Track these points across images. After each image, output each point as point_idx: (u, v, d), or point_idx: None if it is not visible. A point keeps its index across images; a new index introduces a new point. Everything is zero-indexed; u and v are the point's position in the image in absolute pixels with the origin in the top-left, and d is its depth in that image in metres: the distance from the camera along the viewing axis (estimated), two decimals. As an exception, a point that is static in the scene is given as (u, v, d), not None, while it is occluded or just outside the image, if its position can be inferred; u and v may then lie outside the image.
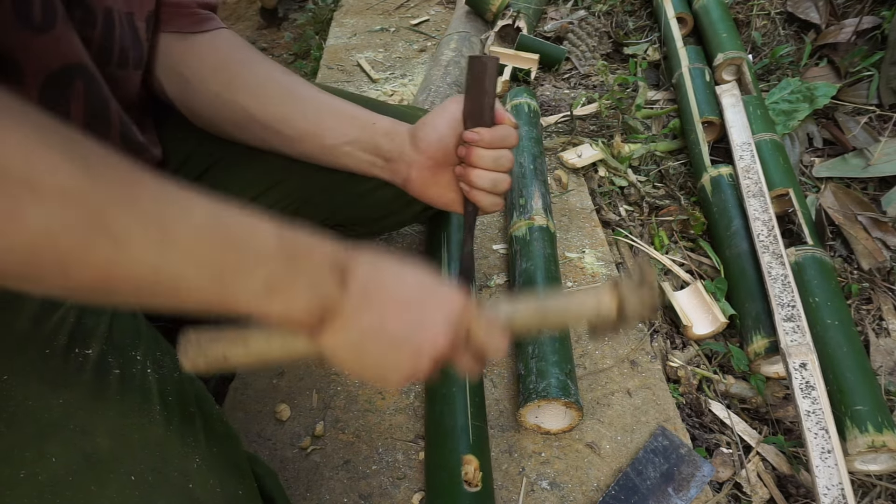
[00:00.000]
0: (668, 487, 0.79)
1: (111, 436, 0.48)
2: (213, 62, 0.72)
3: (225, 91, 0.71)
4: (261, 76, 0.72)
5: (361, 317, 0.44)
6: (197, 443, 0.52)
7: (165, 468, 0.48)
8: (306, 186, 0.82)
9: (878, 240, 1.11)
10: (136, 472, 0.47)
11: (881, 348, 0.98)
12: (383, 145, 0.72)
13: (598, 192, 1.26)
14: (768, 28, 1.64)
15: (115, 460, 0.47)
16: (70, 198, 0.33)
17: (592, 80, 1.60)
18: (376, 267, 0.46)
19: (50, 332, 0.53)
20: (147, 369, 0.55)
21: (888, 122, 1.30)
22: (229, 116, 0.72)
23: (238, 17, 2.41)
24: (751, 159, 1.15)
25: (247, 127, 0.73)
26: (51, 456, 0.46)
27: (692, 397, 0.93)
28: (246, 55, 0.73)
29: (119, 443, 0.48)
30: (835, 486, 0.75)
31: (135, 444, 0.49)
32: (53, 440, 0.47)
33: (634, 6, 1.82)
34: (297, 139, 0.73)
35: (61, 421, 0.48)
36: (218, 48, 0.72)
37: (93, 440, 0.48)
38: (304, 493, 0.78)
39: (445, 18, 1.87)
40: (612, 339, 0.97)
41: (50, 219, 0.32)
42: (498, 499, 0.78)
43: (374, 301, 0.45)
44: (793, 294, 0.92)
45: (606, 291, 0.52)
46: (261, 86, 0.71)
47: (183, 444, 0.51)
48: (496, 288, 1.05)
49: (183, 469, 0.49)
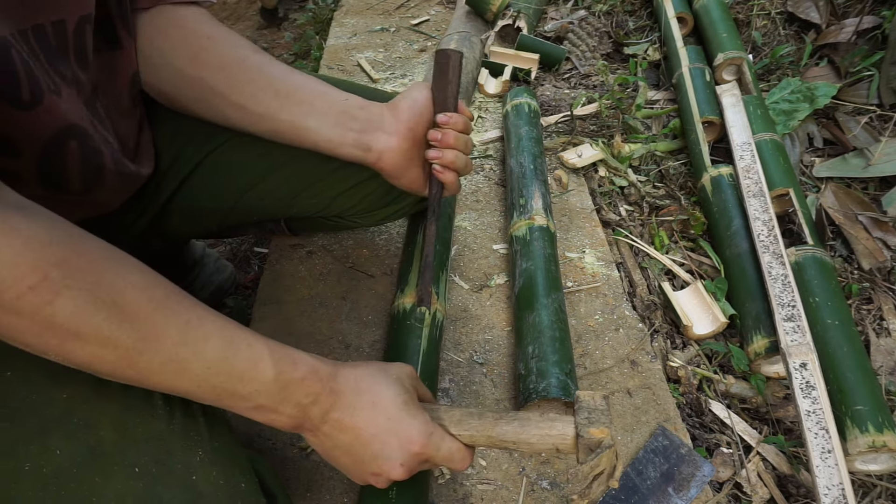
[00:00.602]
0: (668, 487, 0.79)
1: (115, 429, 0.49)
2: (178, 37, 0.69)
3: (189, 67, 0.68)
4: (228, 52, 0.69)
5: (336, 437, 0.55)
6: (199, 437, 0.52)
7: (169, 460, 0.49)
8: (301, 176, 0.81)
9: (879, 240, 1.11)
10: (140, 463, 0.48)
11: (881, 348, 0.98)
12: (358, 116, 0.70)
13: (599, 192, 1.26)
14: (768, 28, 1.64)
15: (118, 452, 0.48)
16: (106, 343, 0.44)
17: (592, 80, 1.60)
18: (353, 403, 0.55)
19: None
20: None
21: (888, 122, 1.30)
22: (193, 94, 0.70)
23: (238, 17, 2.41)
24: (751, 159, 1.15)
25: (211, 103, 0.70)
26: (55, 449, 0.46)
27: (692, 397, 0.93)
28: (213, 30, 0.70)
29: (122, 435, 0.49)
30: (835, 486, 0.75)
31: (138, 436, 0.49)
32: (57, 434, 0.47)
33: (634, 6, 1.82)
34: (263, 116, 0.70)
35: (65, 415, 0.48)
36: (183, 24, 0.69)
37: (97, 433, 0.48)
38: (305, 493, 0.78)
39: (445, 18, 1.87)
40: (612, 339, 0.97)
41: (91, 356, 0.44)
42: (498, 498, 0.78)
43: (348, 430, 0.54)
44: (793, 294, 0.92)
45: (569, 434, 0.56)
46: (227, 62, 0.69)
47: (185, 437, 0.51)
48: (496, 288, 1.05)
49: (186, 462, 0.49)
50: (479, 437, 0.58)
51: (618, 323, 1.00)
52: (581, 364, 0.93)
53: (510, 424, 0.58)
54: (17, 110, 0.50)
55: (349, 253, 1.10)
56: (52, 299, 0.41)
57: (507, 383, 0.91)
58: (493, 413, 0.60)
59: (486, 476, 0.80)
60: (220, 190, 0.80)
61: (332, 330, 0.97)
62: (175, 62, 0.69)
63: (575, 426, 0.56)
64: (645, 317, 1.02)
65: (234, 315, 1.19)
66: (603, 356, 0.95)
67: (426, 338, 0.87)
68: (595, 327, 0.99)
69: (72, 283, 0.42)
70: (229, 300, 1.21)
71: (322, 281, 1.05)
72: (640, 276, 1.10)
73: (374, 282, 1.05)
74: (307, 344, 0.94)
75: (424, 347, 0.86)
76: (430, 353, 0.86)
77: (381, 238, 1.13)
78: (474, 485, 0.79)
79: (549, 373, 0.81)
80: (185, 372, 0.47)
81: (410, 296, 0.92)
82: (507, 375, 0.92)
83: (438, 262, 0.98)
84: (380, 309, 1.01)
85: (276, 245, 1.12)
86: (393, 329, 0.91)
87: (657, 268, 1.12)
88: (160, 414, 0.51)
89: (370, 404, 0.55)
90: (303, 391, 0.52)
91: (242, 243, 1.34)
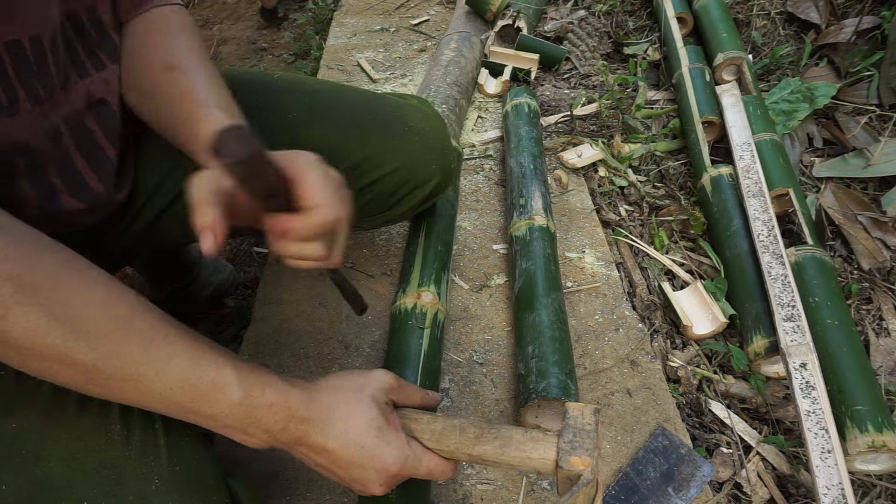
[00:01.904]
0: (668, 487, 0.79)
1: (64, 460, 0.48)
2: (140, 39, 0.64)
3: (129, 93, 0.65)
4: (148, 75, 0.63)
5: (314, 458, 0.55)
6: (157, 462, 0.51)
7: (120, 492, 0.48)
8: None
9: (878, 240, 1.11)
10: (89, 497, 0.47)
11: (881, 348, 0.98)
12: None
13: (598, 192, 1.26)
14: (768, 28, 1.64)
15: (66, 486, 0.47)
16: (63, 359, 0.43)
17: (592, 80, 1.60)
18: (325, 431, 0.53)
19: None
20: None
21: (888, 122, 1.30)
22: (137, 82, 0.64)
23: (238, 17, 2.41)
24: (751, 159, 1.15)
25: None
26: (1, 483, 0.46)
27: (692, 397, 0.93)
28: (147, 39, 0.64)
29: (72, 467, 0.48)
30: (835, 486, 0.75)
31: (89, 467, 0.49)
32: (5, 466, 0.47)
33: (634, 6, 1.82)
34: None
35: (13, 446, 0.48)
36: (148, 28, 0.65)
37: (45, 465, 0.48)
38: (305, 493, 0.78)
39: (445, 18, 1.87)
40: (612, 339, 0.97)
41: (49, 371, 0.44)
42: (498, 498, 0.78)
43: (323, 454, 0.54)
44: (793, 294, 0.92)
45: (550, 459, 0.54)
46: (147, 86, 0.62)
47: (142, 464, 0.50)
48: (496, 288, 1.05)
49: (140, 491, 0.49)
50: (458, 454, 0.58)
51: (618, 323, 1.00)
52: (581, 364, 0.93)
53: (491, 444, 0.56)
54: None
55: (349, 253, 1.10)
56: (4, 314, 0.41)
57: (507, 383, 0.91)
58: (475, 428, 0.58)
59: (486, 476, 0.80)
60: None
61: (332, 330, 0.97)
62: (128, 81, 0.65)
63: (557, 451, 0.54)
64: (645, 317, 1.02)
65: (234, 315, 1.19)
66: (603, 356, 0.95)
67: (427, 338, 0.87)
68: (595, 327, 0.99)
69: (23, 300, 0.41)
70: (229, 300, 1.21)
71: (322, 281, 1.05)
72: (639, 276, 1.10)
73: (374, 282, 1.05)
74: (307, 343, 0.94)
75: (425, 348, 0.86)
76: (431, 354, 0.86)
77: (380, 238, 1.13)
78: (474, 485, 0.79)
79: (549, 373, 0.81)
80: (147, 391, 0.46)
81: (412, 296, 0.92)
82: (507, 375, 0.92)
83: (439, 262, 0.98)
84: (380, 309, 1.01)
85: (276, 245, 1.12)
86: (394, 329, 0.91)
87: (657, 268, 1.12)
88: (116, 439, 0.50)
89: (343, 432, 0.54)
90: (271, 418, 0.51)
91: (242, 243, 1.34)
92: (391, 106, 0.82)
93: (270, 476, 0.80)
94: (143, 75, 0.62)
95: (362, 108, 0.80)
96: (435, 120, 0.86)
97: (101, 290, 0.45)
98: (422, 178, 0.83)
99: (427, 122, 0.83)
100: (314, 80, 0.84)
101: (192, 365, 0.47)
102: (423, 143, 0.81)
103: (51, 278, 0.43)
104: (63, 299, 0.43)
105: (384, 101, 0.82)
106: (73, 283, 0.44)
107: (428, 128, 0.83)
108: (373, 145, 0.78)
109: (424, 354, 0.85)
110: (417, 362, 0.84)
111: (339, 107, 0.79)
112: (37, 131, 0.56)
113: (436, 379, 0.86)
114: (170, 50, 0.62)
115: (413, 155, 0.81)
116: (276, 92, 0.78)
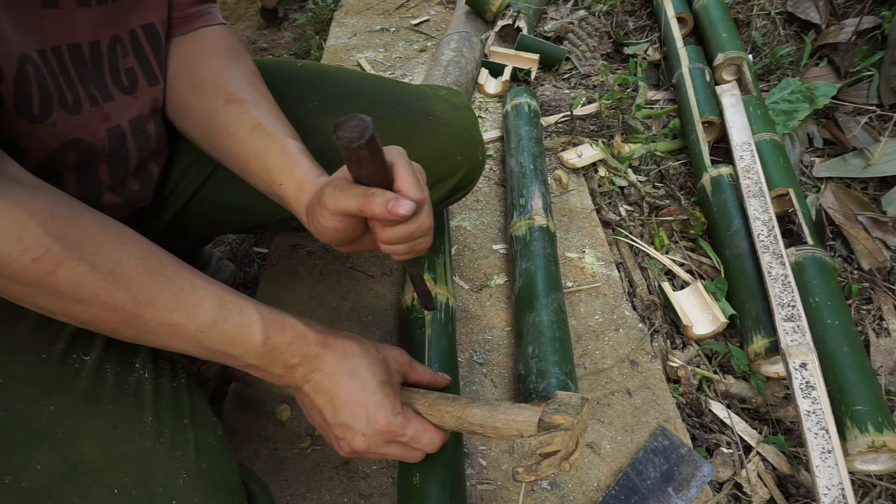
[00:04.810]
0: (668, 487, 0.79)
1: (98, 446, 0.49)
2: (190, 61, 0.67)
3: (175, 118, 0.68)
4: (201, 106, 0.65)
5: (314, 397, 0.58)
6: (186, 457, 0.52)
7: (150, 482, 0.49)
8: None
9: (878, 240, 1.11)
10: (120, 485, 0.48)
11: (881, 348, 0.98)
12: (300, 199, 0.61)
13: (598, 192, 1.26)
14: (768, 28, 1.64)
15: (99, 472, 0.48)
16: (105, 307, 0.47)
17: (592, 80, 1.60)
18: (333, 369, 0.57)
19: (49, 336, 0.54)
20: (144, 378, 0.56)
21: (888, 122, 1.30)
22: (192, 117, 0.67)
23: (238, 17, 2.41)
24: (751, 159, 1.15)
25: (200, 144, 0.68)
26: (36, 463, 0.47)
27: (692, 397, 0.93)
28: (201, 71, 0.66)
29: (105, 453, 0.49)
30: (835, 486, 0.75)
31: (121, 455, 0.50)
32: (41, 447, 0.48)
33: (634, 6, 1.82)
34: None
35: (50, 427, 0.49)
36: (200, 51, 0.67)
37: (79, 449, 0.49)
38: (305, 493, 0.78)
39: (445, 18, 1.87)
40: (612, 339, 0.97)
41: (93, 317, 0.48)
42: (498, 498, 0.78)
43: (324, 392, 0.57)
44: (793, 294, 0.92)
45: (534, 421, 0.57)
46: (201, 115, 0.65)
47: (171, 458, 0.51)
48: (496, 288, 1.05)
49: (168, 484, 0.50)
50: (448, 418, 0.60)
51: (618, 323, 1.00)
52: (581, 364, 0.93)
53: (480, 409, 0.59)
54: (26, 122, 0.52)
55: (349, 253, 1.10)
56: (55, 270, 0.44)
57: (507, 383, 0.91)
58: (467, 399, 0.61)
59: (487, 476, 0.80)
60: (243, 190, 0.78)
61: (332, 330, 0.97)
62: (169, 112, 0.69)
63: (541, 414, 0.57)
64: (645, 317, 1.02)
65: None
66: (603, 356, 0.95)
67: (435, 325, 0.87)
68: (595, 327, 0.99)
69: (72, 255, 0.45)
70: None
71: (322, 281, 1.05)
72: (640, 276, 1.10)
73: (374, 282, 1.05)
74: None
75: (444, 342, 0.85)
76: (439, 339, 0.85)
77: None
78: (474, 485, 0.79)
79: (549, 373, 0.81)
80: (178, 334, 0.50)
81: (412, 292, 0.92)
82: (507, 375, 0.92)
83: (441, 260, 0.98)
84: (380, 309, 1.01)
85: (276, 245, 1.12)
86: (402, 324, 0.91)
87: (657, 268, 1.12)
88: (147, 431, 0.52)
89: (349, 373, 0.57)
90: (290, 353, 0.55)
91: (242, 243, 1.34)
92: (415, 95, 0.80)
93: (270, 476, 0.80)
94: (200, 103, 0.65)
95: (384, 96, 0.78)
96: (464, 111, 0.84)
97: (134, 245, 0.49)
98: (447, 169, 0.81)
99: (455, 113, 0.81)
100: (337, 69, 0.82)
101: (218, 309, 0.51)
102: (449, 132, 0.79)
103: (92, 235, 0.47)
104: (105, 253, 0.47)
105: (407, 91, 0.81)
106: (111, 239, 0.48)
107: (455, 118, 0.81)
108: (393, 134, 0.75)
109: (432, 342, 0.84)
110: (422, 355, 0.83)
111: (360, 95, 0.78)
112: (97, 130, 0.59)
113: (454, 365, 0.85)
114: (230, 81, 0.65)
115: (437, 145, 0.78)
116: (299, 82, 0.78)
